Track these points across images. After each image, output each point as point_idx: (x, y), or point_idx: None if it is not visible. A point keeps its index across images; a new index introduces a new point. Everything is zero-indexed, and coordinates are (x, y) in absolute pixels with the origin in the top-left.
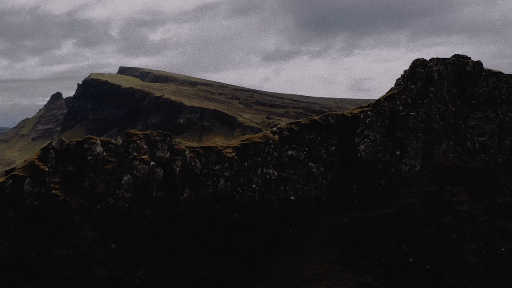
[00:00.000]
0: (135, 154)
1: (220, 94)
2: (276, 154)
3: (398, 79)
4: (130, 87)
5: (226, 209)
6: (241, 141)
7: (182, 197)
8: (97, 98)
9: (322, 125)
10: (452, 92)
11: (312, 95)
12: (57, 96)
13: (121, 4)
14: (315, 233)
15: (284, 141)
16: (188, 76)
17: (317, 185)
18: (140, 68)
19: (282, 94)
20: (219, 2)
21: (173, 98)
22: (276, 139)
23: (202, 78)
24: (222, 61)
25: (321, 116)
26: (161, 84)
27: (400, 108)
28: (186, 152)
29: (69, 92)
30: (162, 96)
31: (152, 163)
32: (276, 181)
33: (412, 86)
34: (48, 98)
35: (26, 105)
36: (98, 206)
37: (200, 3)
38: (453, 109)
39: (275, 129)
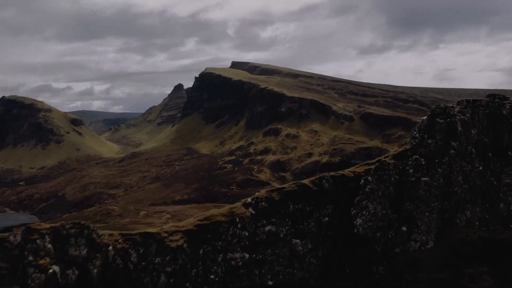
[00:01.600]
0: (31, 258)
1: (318, 85)
2: (247, 234)
3: (413, 131)
4: (239, 80)
5: None
6: (198, 221)
7: None
8: (211, 89)
9: (313, 191)
10: (483, 142)
11: (401, 85)
12: (179, 87)
13: (236, 7)
14: None
15: (260, 214)
16: (291, 69)
17: (303, 266)
18: (249, 63)
19: (373, 84)
20: (321, 3)
21: (276, 89)
22: (247, 215)
23: (304, 70)
24: (322, 55)
25: (313, 179)
26: (267, 76)
27: (410, 171)
28: (110, 248)
29: (190, 83)
30: (266, 87)
31: (51, 269)
32: (247, 265)
33: (429, 141)
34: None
35: (155, 93)
36: None
37: (304, 4)
38: (480, 168)
39: (249, 199)
